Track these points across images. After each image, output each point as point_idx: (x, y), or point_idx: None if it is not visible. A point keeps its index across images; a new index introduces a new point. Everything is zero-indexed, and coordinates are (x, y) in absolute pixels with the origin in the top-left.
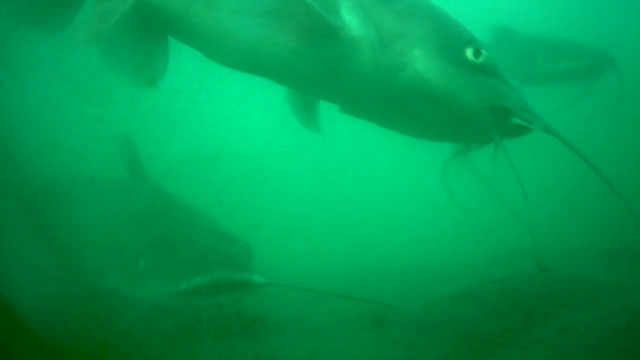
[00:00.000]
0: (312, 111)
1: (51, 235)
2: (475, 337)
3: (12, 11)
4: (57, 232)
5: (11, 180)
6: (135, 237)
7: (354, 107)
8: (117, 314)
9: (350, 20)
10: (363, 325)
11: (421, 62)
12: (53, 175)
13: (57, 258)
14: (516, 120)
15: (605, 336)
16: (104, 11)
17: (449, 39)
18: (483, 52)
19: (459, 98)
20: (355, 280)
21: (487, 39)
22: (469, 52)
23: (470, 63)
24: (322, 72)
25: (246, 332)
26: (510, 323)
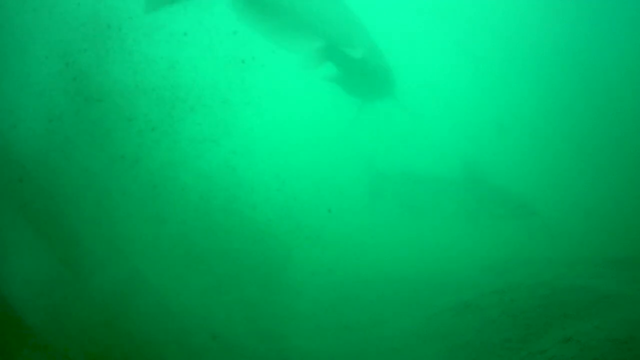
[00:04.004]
0: None
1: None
2: (476, 349)
3: None
4: None
5: None
6: None
7: None
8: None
9: None
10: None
11: None
12: None
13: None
14: None
15: (606, 348)
16: None
17: None
18: None
19: None
20: (354, 288)
21: None
22: None
23: None
24: None
25: None
26: (510, 334)
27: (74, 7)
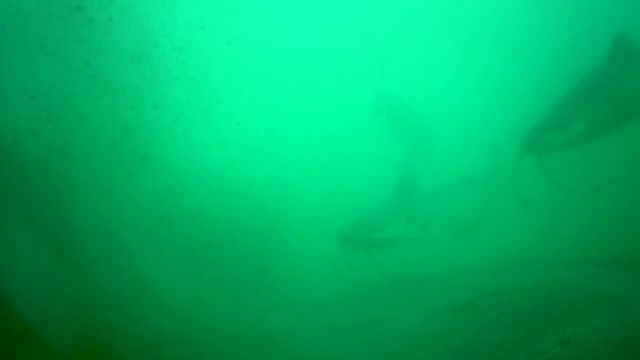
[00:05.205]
0: None
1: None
2: (475, 350)
3: None
4: None
5: None
6: None
7: None
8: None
9: None
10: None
11: None
12: None
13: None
14: None
15: (604, 348)
16: None
17: None
18: None
19: None
20: (353, 289)
21: None
22: None
23: None
24: None
25: None
26: (509, 335)
27: None
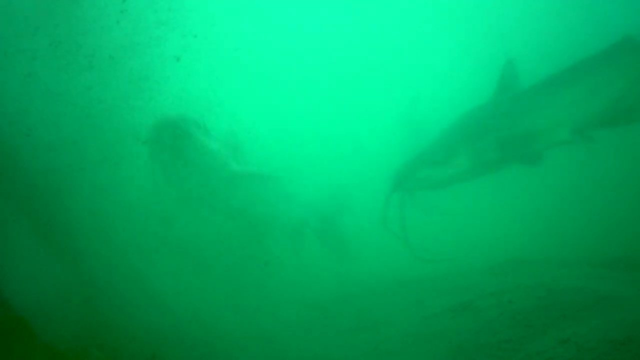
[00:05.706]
0: None
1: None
2: (474, 350)
3: None
4: None
5: None
6: None
7: None
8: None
9: None
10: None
11: None
12: None
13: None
14: None
15: (604, 348)
16: None
17: None
18: None
19: None
20: (352, 289)
21: None
22: None
23: None
24: None
25: None
26: (508, 335)
27: None
